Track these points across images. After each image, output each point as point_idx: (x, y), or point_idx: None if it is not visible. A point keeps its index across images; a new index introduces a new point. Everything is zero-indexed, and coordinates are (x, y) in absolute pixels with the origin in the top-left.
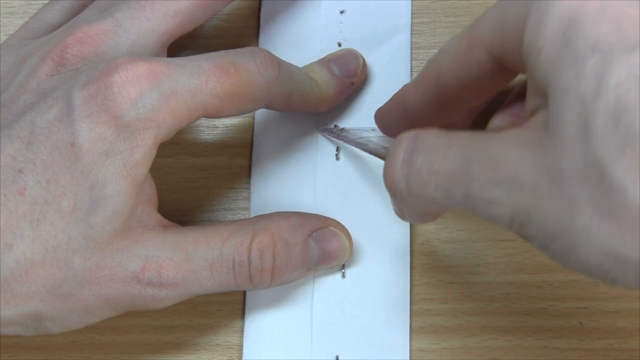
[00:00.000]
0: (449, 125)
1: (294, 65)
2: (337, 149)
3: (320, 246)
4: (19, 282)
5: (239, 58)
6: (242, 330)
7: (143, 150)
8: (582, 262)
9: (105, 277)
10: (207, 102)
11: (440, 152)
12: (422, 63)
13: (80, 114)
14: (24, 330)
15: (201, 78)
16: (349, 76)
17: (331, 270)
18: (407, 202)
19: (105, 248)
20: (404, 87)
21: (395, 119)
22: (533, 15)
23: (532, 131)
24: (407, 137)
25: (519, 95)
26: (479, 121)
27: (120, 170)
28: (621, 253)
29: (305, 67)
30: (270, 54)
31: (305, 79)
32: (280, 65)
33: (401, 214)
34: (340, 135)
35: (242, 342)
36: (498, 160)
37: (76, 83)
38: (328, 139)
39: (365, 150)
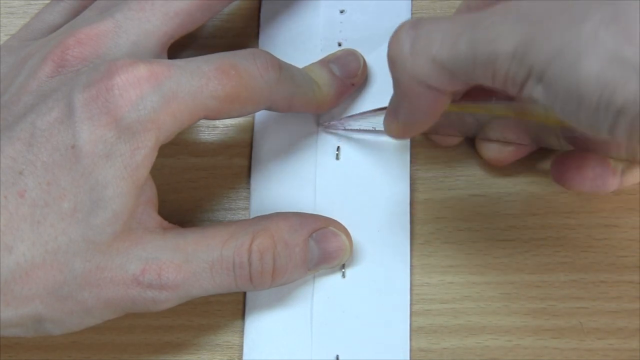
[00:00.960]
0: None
1: (295, 67)
2: (338, 149)
3: (320, 246)
4: (19, 284)
5: (240, 60)
6: (242, 330)
7: (144, 152)
8: (584, 74)
9: (106, 279)
10: (208, 104)
11: (447, 18)
12: None
13: (81, 116)
14: (24, 332)
15: (202, 80)
16: (350, 77)
17: (331, 270)
18: (406, 72)
19: (105, 250)
20: None
21: None
22: None
23: None
24: (413, 19)
25: None
26: None
27: (120, 172)
28: (626, 56)
29: (305, 68)
30: (271, 55)
31: (306, 81)
32: (281, 67)
33: (393, 122)
34: (344, 125)
35: (242, 342)
36: (507, 6)
37: (77, 85)
38: (331, 133)
39: (373, 131)
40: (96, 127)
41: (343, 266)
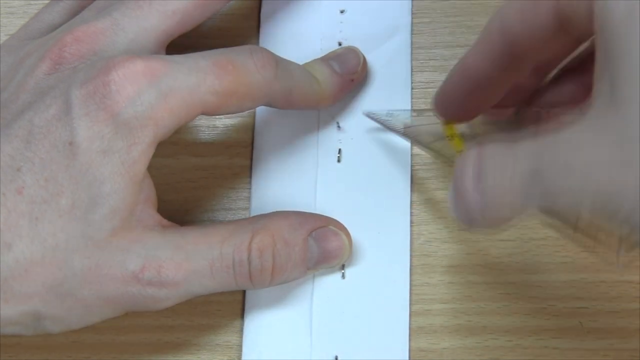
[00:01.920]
0: (513, 90)
1: (294, 63)
2: (339, 151)
3: (320, 245)
4: (19, 281)
5: (237, 55)
6: (242, 330)
7: (141, 147)
8: None
9: (105, 276)
10: (206, 100)
11: (508, 168)
12: (422, 63)
13: (79, 112)
14: (24, 330)
15: (199, 75)
16: (350, 73)
17: (331, 271)
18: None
19: (104, 247)
20: (462, 58)
21: (458, 95)
22: None
23: (596, 119)
24: (470, 157)
25: (572, 70)
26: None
27: (118, 168)
28: None
29: (305, 64)
30: (268, 51)
31: (305, 76)
32: (278, 62)
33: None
34: (386, 122)
35: (242, 342)
36: (569, 164)
37: (74, 81)
38: (375, 121)
39: (414, 143)
40: (93, 123)
41: (343, 266)
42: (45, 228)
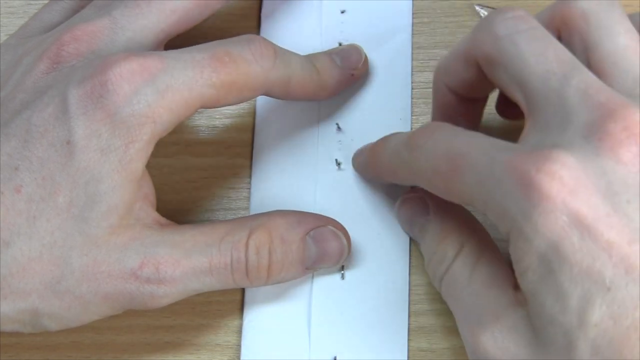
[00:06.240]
0: None
1: (292, 52)
2: (338, 164)
3: (319, 245)
4: (17, 278)
5: (234, 46)
6: (241, 331)
7: (138, 145)
8: None
9: (103, 273)
10: (204, 93)
11: None
12: (422, 63)
13: (76, 111)
14: (22, 327)
15: (196, 69)
16: (350, 68)
17: (330, 271)
18: None
19: (102, 244)
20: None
21: None
22: (517, 231)
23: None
24: None
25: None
26: None
27: (115, 166)
28: None
29: (307, 55)
30: (266, 40)
31: (304, 65)
32: (276, 51)
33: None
34: None
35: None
36: None
37: (72, 81)
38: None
39: None
40: (91, 123)
41: (342, 267)
42: (43, 226)
